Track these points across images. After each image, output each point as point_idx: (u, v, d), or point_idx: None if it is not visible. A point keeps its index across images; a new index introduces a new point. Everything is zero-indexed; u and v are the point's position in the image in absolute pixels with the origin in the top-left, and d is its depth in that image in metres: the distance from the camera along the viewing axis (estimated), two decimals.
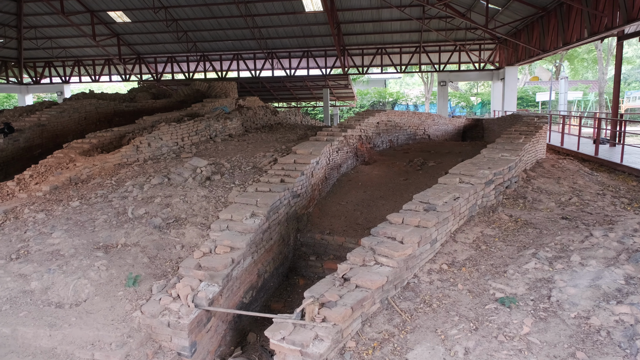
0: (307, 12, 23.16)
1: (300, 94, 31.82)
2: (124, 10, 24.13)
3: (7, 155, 12.71)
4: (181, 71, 28.69)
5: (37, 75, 30.00)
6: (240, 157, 10.14)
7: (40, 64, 29.72)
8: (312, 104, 34.62)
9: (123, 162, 10.38)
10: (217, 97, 19.97)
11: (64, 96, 29.51)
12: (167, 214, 7.02)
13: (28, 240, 6.56)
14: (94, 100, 16.83)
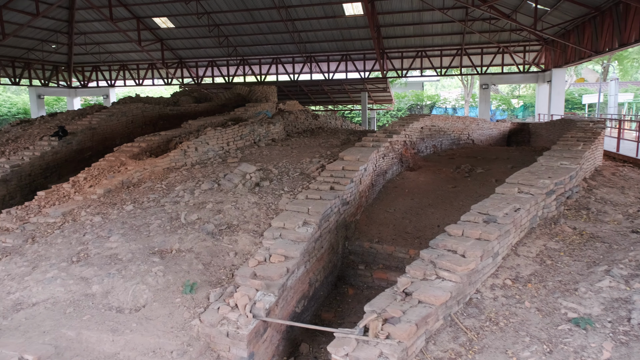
0: (347, 15, 23.08)
1: (337, 97, 31.75)
2: (169, 16, 24.71)
3: (61, 157, 13.17)
4: (221, 75, 29.14)
5: (85, 79, 31.13)
6: (286, 162, 10.12)
7: (88, 68, 30.84)
8: (349, 107, 34.48)
9: (172, 166, 10.56)
10: (257, 101, 20.15)
11: (109, 99, 30.52)
12: (219, 220, 7.05)
13: (87, 243, 6.72)
14: (140, 104, 17.26)
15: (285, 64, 27.97)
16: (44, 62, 28.54)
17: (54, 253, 6.51)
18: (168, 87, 33.65)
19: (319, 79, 27.77)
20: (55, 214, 8.20)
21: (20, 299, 5.49)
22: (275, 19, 23.87)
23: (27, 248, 6.89)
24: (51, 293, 5.54)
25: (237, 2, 22.94)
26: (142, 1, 23.73)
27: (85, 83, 31.21)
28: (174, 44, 27.66)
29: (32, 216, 8.72)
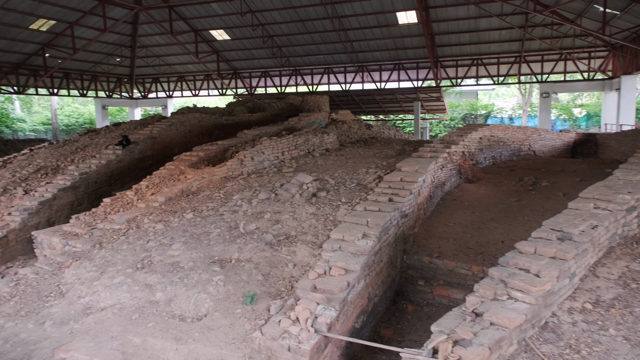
0: (401, 24, 22.86)
1: (389, 106, 31.45)
2: (225, 29, 25.47)
3: (124, 166, 13.74)
4: (274, 85, 29.63)
5: (145, 90, 32.61)
6: (342, 172, 10.03)
7: (149, 80, 32.28)
8: (400, 116, 34.04)
9: (229, 175, 10.73)
10: (310, 110, 20.25)
11: (168, 109, 31.77)
12: (278, 230, 7.03)
13: (150, 250, 6.89)
14: (197, 114, 17.78)
15: (337, 74, 28.04)
16: (108, 75, 30.16)
17: (119, 259, 6.72)
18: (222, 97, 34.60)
19: (371, 88, 27.62)
20: (120, 220, 8.51)
21: (90, 303, 5.68)
22: (327, 29, 24.04)
23: (95, 253, 7.16)
24: (118, 299, 5.70)
25: (291, 13, 23.30)
26: (200, 14, 24.63)
27: (145, 94, 32.68)
28: (229, 55, 28.44)
29: (99, 222, 9.10)
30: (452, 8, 21.09)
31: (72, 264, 7.01)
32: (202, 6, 23.76)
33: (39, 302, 5.99)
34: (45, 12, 21.51)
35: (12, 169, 13.33)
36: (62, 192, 11.39)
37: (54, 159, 13.57)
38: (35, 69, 25.35)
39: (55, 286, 6.43)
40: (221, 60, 28.58)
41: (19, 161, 14.11)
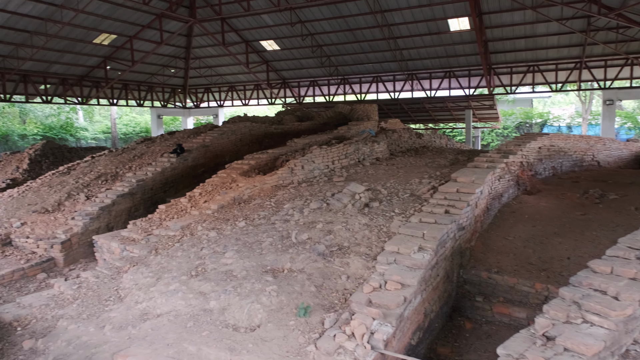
0: (452, 31, 22.34)
1: (439, 115, 30.79)
2: (275, 39, 25.86)
3: (178, 173, 14.12)
4: (322, 94, 29.73)
5: (197, 100, 33.63)
6: (394, 182, 9.80)
7: (201, 90, 33.28)
8: (450, 125, 33.24)
9: (279, 183, 10.75)
10: (359, 119, 20.11)
11: (219, 119, 32.59)
12: (330, 241, 6.91)
13: (204, 258, 6.95)
14: (248, 123, 18.07)
15: (386, 82, 27.77)
16: (163, 86, 31.35)
17: (175, 266, 6.81)
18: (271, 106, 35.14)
19: (421, 96, 27.14)
20: (174, 227, 8.68)
21: (146, 309, 5.76)
22: (377, 37, 23.87)
23: (151, 259, 7.31)
24: (173, 305, 5.75)
25: (340, 22, 23.33)
26: (250, 26, 25.15)
27: (197, 104, 33.69)
28: (278, 65, 28.84)
29: (155, 228, 9.33)
30: (507, 13, 20.39)
31: (130, 269, 7.19)
32: (253, 18, 24.26)
33: (99, 306, 6.15)
34: (107, 27, 22.65)
35: (76, 175, 14.01)
36: (120, 198, 11.82)
37: (114, 166, 14.14)
38: (97, 80, 26.72)
39: (114, 290, 6.60)
40: (271, 70, 29.02)
41: (82, 168, 14.82)
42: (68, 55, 23.62)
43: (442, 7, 20.92)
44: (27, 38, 20.75)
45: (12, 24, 19.56)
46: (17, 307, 6.35)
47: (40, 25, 20.33)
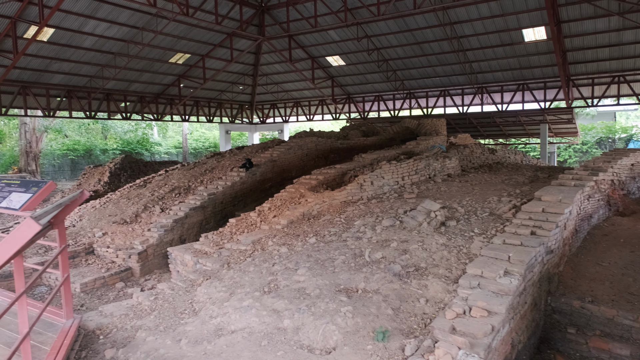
0: (527, 42, 21.31)
1: (510, 129, 29.36)
2: (340, 55, 25.99)
3: (246, 187, 14.36)
4: (387, 109, 29.41)
5: (263, 115, 34.47)
6: (470, 200, 9.29)
7: (267, 106, 34.10)
8: (522, 140, 31.61)
9: (349, 199, 10.56)
10: (427, 134, 19.58)
11: (284, 134, 33.16)
12: (406, 261, 6.58)
13: (276, 274, 6.86)
14: (314, 138, 18.13)
15: (454, 96, 26.97)
16: (232, 102, 32.44)
17: (247, 281, 6.77)
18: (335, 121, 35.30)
19: (491, 110, 26.04)
20: (245, 241, 8.71)
21: (221, 324, 5.73)
22: (445, 50, 23.30)
23: (224, 273, 7.34)
24: (247, 322, 5.67)
25: (407, 36, 23.02)
26: (317, 42, 25.47)
27: (263, 119, 34.52)
28: (343, 80, 28.92)
29: (226, 242, 9.44)
30: (589, 21, 19.14)
31: (203, 282, 7.25)
32: (319, 34, 24.55)
33: (175, 319, 6.22)
34: (182, 47, 23.85)
35: (151, 188, 14.64)
36: (192, 211, 12.15)
37: (186, 180, 14.64)
38: (171, 98, 28.14)
39: (189, 303, 6.66)
40: (335, 85, 29.16)
41: (157, 181, 15.48)
42: (146, 75, 25.08)
43: (516, 17, 20.04)
44: (111, 59, 22.27)
45: (99, 47, 21.08)
46: (99, 315, 6.57)
47: (123, 47, 21.76)
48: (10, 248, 2.08)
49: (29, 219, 2.13)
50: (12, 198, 5.12)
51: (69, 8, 17.92)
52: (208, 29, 23.08)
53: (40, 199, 4.95)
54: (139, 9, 19.60)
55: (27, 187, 5.12)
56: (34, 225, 2.12)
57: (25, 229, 2.15)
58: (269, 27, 24.23)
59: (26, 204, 4.83)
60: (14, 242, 2.10)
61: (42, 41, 18.92)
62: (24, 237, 2.13)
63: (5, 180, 5.64)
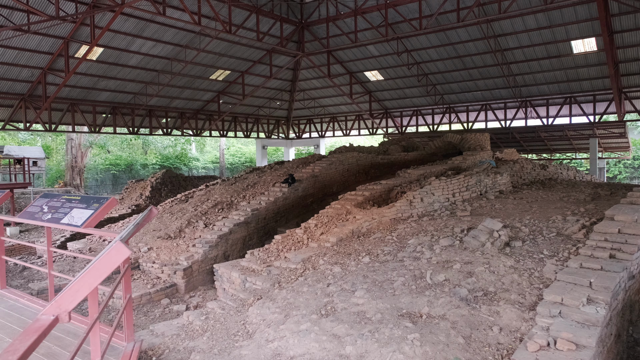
0: (576, 53, 20.53)
1: (555, 144, 28.26)
2: (379, 69, 25.79)
3: (289, 203, 14.16)
4: (425, 123, 28.90)
5: (299, 131, 34.52)
6: (532, 219, 8.74)
7: (303, 121, 34.15)
8: (567, 155, 30.39)
9: (398, 216, 10.17)
10: (470, 149, 19.00)
11: (320, 149, 33.06)
12: (472, 284, 6.14)
13: (332, 295, 6.53)
14: (355, 153, 17.84)
15: (496, 110, 26.24)
16: (268, 117, 32.66)
17: (302, 302, 6.48)
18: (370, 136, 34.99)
19: (536, 124, 25.16)
20: (295, 259, 8.44)
21: (278, 349, 5.43)
22: (488, 63, 22.76)
23: (276, 293, 7.07)
24: (307, 348, 5.35)
25: (449, 50, 22.62)
26: (355, 57, 25.37)
27: (299, 134, 34.56)
28: (381, 95, 28.67)
29: (273, 259, 9.20)
30: None
31: (255, 302, 7.00)
32: (358, 49, 24.46)
33: (228, 341, 5.97)
34: (222, 64, 24.21)
35: (194, 203, 14.64)
36: (236, 227, 12.01)
37: (229, 195, 14.58)
38: (210, 114, 28.55)
39: (242, 324, 6.40)
40: (373, 100, 28.93)
41: (199, 196, 15.49)
42: (187, 91, 25.54)
43: (565, 28, 19.38)
44: (154, 77, 22.79)
45: (144, 65, 21.61)
46: (151, 334, 6.39)
47: (167, 65, 22.24)
48: (101, 275, 1.86)
49: (119, 244, 1.91)
50: (73, 214, 5.03)
51: (118, 28, 18.45)
52: (248, 46, 23.36)
53: (102, 216, 4.84)
54: (184, 28, 20.02)
55: (89, 203, 5.03)
56: (124, 250, 1.89)
57: (115, 254, 1.93)
58: (308, 43, 24.30)
59: (88, 221, 4.72)
60: (104, 268, 1.89)
61: (91, 60, 19.52)
62: (114, 263, 1.91)
63: (65, 195, 5.58)
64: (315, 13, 22.94)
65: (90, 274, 1.83)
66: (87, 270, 1.87)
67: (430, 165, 14.41)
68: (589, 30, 19.16)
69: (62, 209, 5.32)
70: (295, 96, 31.09)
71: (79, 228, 4.71)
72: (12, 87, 19.43)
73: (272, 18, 21.58)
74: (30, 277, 11.25)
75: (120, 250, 1.96)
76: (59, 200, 5.60)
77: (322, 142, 33.82)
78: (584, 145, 27.00)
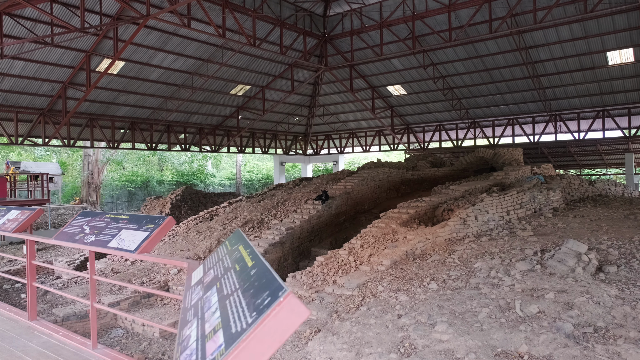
0: (611, 65, 19.77)
1: (585, 159, 27.31)
2: (402, 84, 25.16)
3: (322, 221, 13.36)
4: (449, 139, 28.12)
5: (317, 147, 33.85)
6: (610, 240, 7.86)
7: (321, 137, 33.50)
8: (597, 170, 29.39)
9: (452, 236, 9.34)
10: (504, 164, 18.13)
11: (339, 165, 32.32)
12: (577, 318, 5.27)
13: (407, 329, 5.69)
14: (385, 169, 17.09)
15: (523, 125, 25.40)
16: (286, 133, 32.05)
17: (373, 337, 5.64)
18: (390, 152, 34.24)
19: (566, 139, 24.28)
20: (349, 285, 7.61)
21: None
22: (516, 76, 22.05)
23: (337, 325, 6.23)
24: None
25: (476, 62, 21.96)
26: (378, 71, 24.78)
27: (317, 151, 33.89)
28: (403, 110, 28.00)
29: (320, 283, 8.38)
30: None
31: (314, 336, 6.17)
32: (382, 63, 23.89)
33: None
34: (243, 79, 23.71)
35: (221, 221, 13.89)
36: (271, 247, 11.23)
37: (258, 213, 13.82)
38: (228, 129, 27.98)
39: None
40: (395, 115, 28.25)
41: (226, 214, 14.74)
42: (206, 106, 25.03)
43: (601, 38, 18.67)
44: (175, 91, 22.30)
45: (165, 79, 21.15)
46: None
47: (188, 79, 21.76)
48: (277, 342, 1.10)
49: (292, 298, 1.14)
50: (123, 236, 4.29)
51: (140, 41, 18.02)
52: (270, 60, 22.87)
53: (159, 239, 4.10)
54: (206, 41, 19.56)
55: (141, 224, 4.29)
56: (303, 311, 1.14)
57: (289, 315, 1.17)
58: (330, 57, 23.78)
59: (143, 245, 3.97)
60: (279, 334, 1.13)
61: (112, 74, 19.07)
62: (292, 327, 1.15)
63: (110, 214, 4.85)
64: (339, 26, 22.45)
65: (262, 339, 1.09)
66: (246, 341, 1.14)
67: (474, 181, 13.58)
68: (626, 41, 18.44)
69: (107, 229, 4.58)
70: (315, 111, 30.50)
71: (132, 254, 3.96)
72: (32, 101, 19.00)
73: (296, 31, 21.10)
74: (53, 302, 10.49)
75: (298, 310, 1.20)
76: (102, 219, 4.87)
77: (341, 159, 33.09)
78: (615, 160, 26.04)
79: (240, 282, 1.75)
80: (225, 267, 2.22)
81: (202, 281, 2.40)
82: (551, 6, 16.09)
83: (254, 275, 1.69)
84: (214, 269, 2.44)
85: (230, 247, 2.59)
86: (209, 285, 2.18)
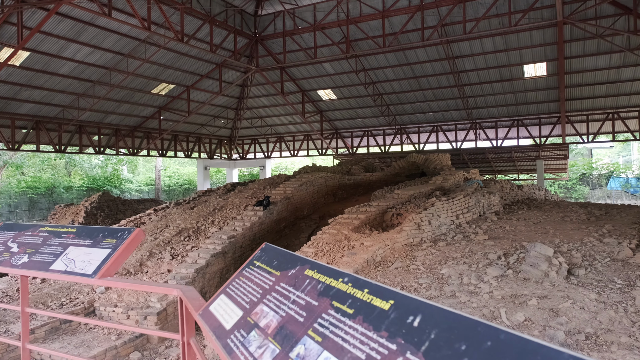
0: (526, 77, 21.21)
1: (500, 166, 29.16)
2: (333, 88, 25.07)
3: (264, 228, 12.61)
4: (376, 144, 28.55)
5: (243, 151, 32.76)
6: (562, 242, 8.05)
7: (248, 141, 32.47)
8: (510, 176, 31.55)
9: (409, 242, 9.11)
10: (435, 169, 18.64)
11: (266, 170, 31.51)
12: (566, 325, 5.14)
13: None
14: (324, 173, 16.73)
15: (447, 132, 26.50)
16: (211, 137, 30.62)
17: None
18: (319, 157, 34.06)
19: (485, 146, 25.69)
20: None
21: None
22: (443, 85, 22.88)
23: None
24: None
25: (406, 70, 22.45)
26: (309, 75, 24.45)
27: (243, 155, 32.80)
28: (332, 115, 27.95)
29: None
30: (590, 58, 19.25)
31: None
32: (313, 66, 23.60)
33: None
34: (167, 77, 22.13)
35: (151, 230, 12.59)
36: (213, 258, 10.26)
37: (193, 221, 12.70)
38: (148, 131, 26.03)
39: None
40: (324, 120, 28.11)
41: (154, 222, 13.42)
42: (125, 106, 23.04)
43: (519, 52, 19.91)
44: (89, 88, 20.20)
45: (77, 74, 19.04)
46: None
47: (104, 75, 19.80)
48: None
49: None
50: (71, 256, 3.32)
51: (49, 29, 15.99)
52: (197, 58, 21.58)
53: (125, 258, 3.21)
54: (128, 34, 17.91)
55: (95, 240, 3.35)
56: None
57: None
58: (261, 57, 23.03)
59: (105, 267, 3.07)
60: None
61: (13, 65, 16.72)
62: None
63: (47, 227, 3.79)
64: (271, 27, 21.81)
65: None
66: None
67: (417, 186, 13.60)
68: (541, 55, 19.84)
69: (46, 247, 3.56)
70: (242, 114, 29.45)
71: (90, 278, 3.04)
72: None
73: (226, 29, 20.11)
74: None
75: None
76: (35, 233, 3.81)
77: (268, 163, 32.31)
78: (526, 166, 28.06)
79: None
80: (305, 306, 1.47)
81: (258, 325, 1.67)
82: (479, 18, 16.84)
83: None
84: (264, 304, 1.72)
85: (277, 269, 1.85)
86: (288, 335, 1.44)
